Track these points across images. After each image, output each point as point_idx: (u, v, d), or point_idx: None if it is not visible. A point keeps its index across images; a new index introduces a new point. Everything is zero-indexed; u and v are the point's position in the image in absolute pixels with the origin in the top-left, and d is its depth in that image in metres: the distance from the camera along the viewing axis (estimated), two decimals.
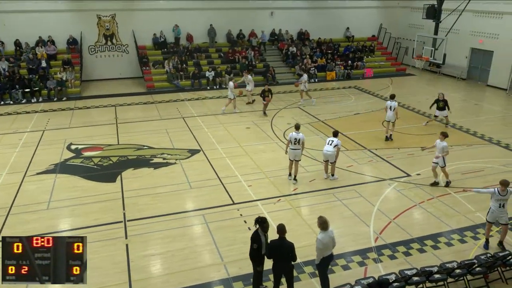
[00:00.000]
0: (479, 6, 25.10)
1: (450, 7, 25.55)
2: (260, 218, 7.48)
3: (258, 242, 7.43)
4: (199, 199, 11.73)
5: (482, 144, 15.86)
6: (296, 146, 12.33)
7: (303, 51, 28.15)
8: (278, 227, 7.39)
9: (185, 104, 21.30)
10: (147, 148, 15.37)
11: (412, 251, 9.44)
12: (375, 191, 12.16)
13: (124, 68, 26.62)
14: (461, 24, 25.51)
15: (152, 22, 26.22)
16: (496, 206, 9.23)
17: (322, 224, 7.46)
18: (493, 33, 24.85)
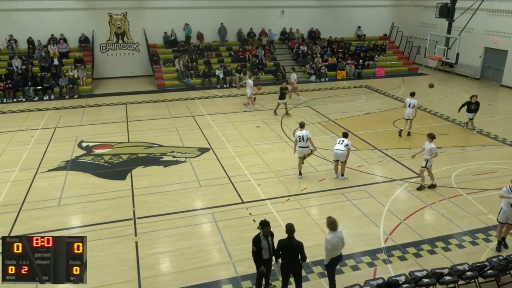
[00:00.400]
0: (493, 5, 24.74)
1: (463, 6, 25.22)
2: (263, 221, 7.39)
3: (258, 245, 7.35)
4: (208, 197, 11.75)
5: (495, 145, 15.64)
6: (302, 143, 12.45)
7: (314, 50, 28.04)
8: (287, 226, 7.36)
9: (195, 103, 21.35)
10: (157, 146, 15.44)
11: (422, 252, 9.35)
12: (385, 192, 12.07)
13: (135, 66, 26.79)
14: (474, 23, 25.18)
15: (163, 20, 26.34)
16: (507, 205, 9.10)
17: (331, 225, 7.43)
18: (507, 32, 24.48)
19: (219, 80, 24.68)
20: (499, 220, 9.33)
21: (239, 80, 23.48)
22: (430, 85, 17.04)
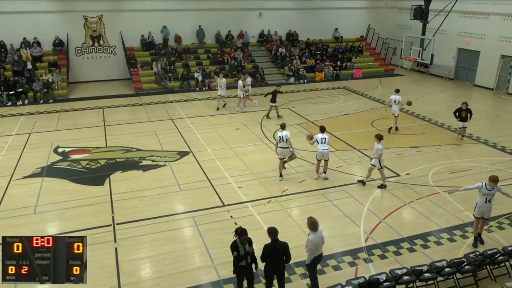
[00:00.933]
0: (466, 7, 25.45)
1: (437, 8, 25.85)
2: (239, 229, 7.30)
3: (237, 251, 7.28)
4: (188, 201, 11.68)
5: (470, 144, 16.06)
6: (283, 144, 12.58)
7: (292, 52, 28.24)
8: (269, 230, 7.34)
9: (173, 106, 21.21)
10: (136, 151, 15.27)
11: (402, 250, 9.52)
12: (365, 191, 12.24)
13: (111, 69, 26.43)
14: (448, 25, 25.84)
15: (140, 23, 26.08)
16: (482, 201, 9.35)
17: (312, 225, 7.50)
18: (479, 34, 25.21)
19: (197, 82, 24.59)
20: (475, 215, 9.58)
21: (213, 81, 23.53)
22: (408, 103, 17.14)
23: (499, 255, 8.46)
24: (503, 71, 23.95)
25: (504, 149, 15.45)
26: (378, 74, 28.61)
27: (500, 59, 23.94)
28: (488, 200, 9.29)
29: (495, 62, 24.20)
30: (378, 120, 18.75)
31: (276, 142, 12.88)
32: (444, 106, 21.69)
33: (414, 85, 25.85)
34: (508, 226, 10.49)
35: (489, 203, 9.32)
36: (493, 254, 8.45)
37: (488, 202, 9.31)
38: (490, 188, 9.22)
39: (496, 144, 15.99)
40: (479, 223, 9.63)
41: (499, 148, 15.61)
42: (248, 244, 7.37)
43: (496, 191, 9.28)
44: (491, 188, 9.21)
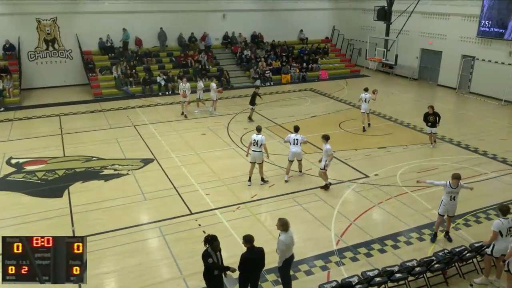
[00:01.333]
0: (427, 8, 26.44)
1: (400, 9, 26.71)
2: (210, 236, 7.23)
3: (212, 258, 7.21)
4: (154, 210, 11.50)
5: (435, 143, 16.63)
6: (256, 148, 12.55)
7: (258, 54, 28.42)
8: (245, 238, 7.32)
9: (136, 112, 20.87)
10: (96, 160, 14.92)
11: (373, 252, 9.73)
12: (334, 194, 12.44)
13: (68, 75, 25.73)
14: (411, 26, 26.75)
15: (98, 25, 25.55)
16: (447, 199, 9.73)
17: (284, 226, 7.61)
18: (441, 34, 26.25)
19: (160, 87, 24.31)
20: (439, 212, 9.96)
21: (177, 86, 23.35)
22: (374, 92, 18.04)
23: (466, 252, 8.80)
24: (464, 71, 25.02)
25: (468, 147, 16.12)
26: (344, 76, 29.24)
27: (461, 59, 25.00)
28: (452, 198, 9.68)
29: (456, 62, 25.25)
30: (346, 121, 19.14)
31: (249, 143, 12.83)
32: (409, 106, 22.42)
33: (380, 86, 26.48)
34: (474, 223, 10.93)
35: (453, 200, 9.71)
36: (461, 251, 8.78)
37: (453, 199, 9.70)
38: (454, 186, 9.59)
39: (460, 142, 16.65)
40: (441, 220, 10.01)
41: (463, 146, 16.27)
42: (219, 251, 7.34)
43: (461, 188, 9.67)
44: (455, 186, 9.58)
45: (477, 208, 11.61)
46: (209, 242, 7.20)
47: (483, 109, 21.45)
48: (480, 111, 21.15)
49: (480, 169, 14.18)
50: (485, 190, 12.85)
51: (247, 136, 17.16)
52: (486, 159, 15.06)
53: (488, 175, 13.75)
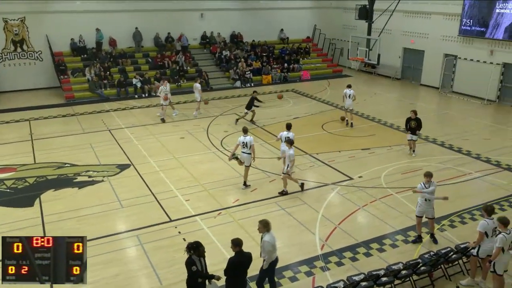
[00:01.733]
0: (409, 7, 26.94)
1: (381, 8, 27.13)
2: (195, 243, 7.18)
3: (196, 265, 7.18)
4: (131, 218, 11.38)
5: (419, 143, 16.90)
6: (245, 150, 12.74)
7: (237, 55, 28.45)
8: (234, 242, 7.30)
9: (111, 115, 20.63)
10: (70, 166, 14.68)
11: (358, 256, 9.83)
12: (318, 197, 12.52)
13: (38, 77, 25.26)
14: (393, 25, 27.19)
15: (69, 25, 25.19)
16: (422, 200, 9.91)
17: (266, 226, 7.74)
18: (423, 33, 26.76)
19: (136, 89, 24.09)
20: (416, 214, 10.16)
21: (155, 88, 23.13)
22: (279, 96, 19.09)
23: (452, 253, 8.96)
24: (447, 70, 25.56)
25: (452, 147, 16.45)
26: (327, 76, 29.51)
27: (443, 58, 25.53)
28: (427, 199, 9.83)
29: (439, 61, 25.78)
30: (329, 122, 19.31)
31: (236, 146, 12.84)
32: (392, 106, 22.78)
33: (363, 86, 26.89)
34: (459, 224, 11.15)
35: (428, 201, 9.87)
36: (447, 253, 8.94)
37: (428, 201, 9.86)
38: (428, 185, 9.77)
39: (444, 142, 16.98)
40: (420, 221, 10.18)
41: (447, 146, 16.60)
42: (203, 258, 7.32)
43: (434, 187, 9.80)
44: (428, 184, 9.76)
45: (462, 209, 11.85)
46: (194, 249, 7.15)
47: (466, 109, 21.94)
48: (463, 110, 21.63)
49: (464, 169, 14.48)
50: (470, 190, 13.14)
51: (227, 139, 17.15)
52: (470, 159, 15.40)
53: (472, 175, 14.05)
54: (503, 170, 14.44)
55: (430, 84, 26.58)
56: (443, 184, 13.31)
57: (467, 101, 23.48)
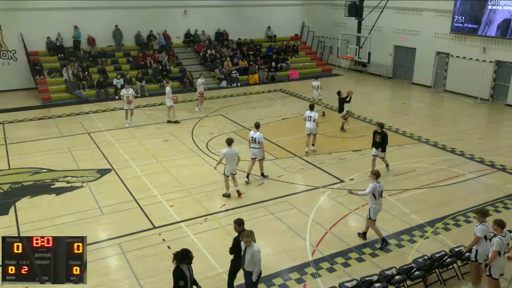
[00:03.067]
0: (399, 3, 27.21)
1: (371, 4, 27.36)
2: (182, 251, 7.12)
3: (184, 278, 7.11)
4: (113, 226, 11.28)
5: (411, 144, 17.12)
6: (254, 145, 13.34)
7: (223, 53, 28.44)
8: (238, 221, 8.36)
9: (90, 118, 20.46)
10: (47, 171, 14.52)
11: (350, 261, 9.87)
12: (308, 201, 12.56)
13: (12, 78, 24.91)
14: (383, 22, 27.44)
15: (45, 23, 24.91)
16: (372, 199, 10.18)
17: (252, 235, 7.78)
18: (414, 30, 27.06)
19: (116, 90, 23.90)
20: (371, 218, 10.29)
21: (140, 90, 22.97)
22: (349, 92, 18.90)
23: (447, 257, 9.06)
24: (439, 68, 25.88)
25: (445, 148, 16.65)
26: (316, 75, 29.46)
27: (435, 56, 25.85)
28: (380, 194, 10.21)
29: (431, 59, 26.09)
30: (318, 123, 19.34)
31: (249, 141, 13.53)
32: (384, 106, 22.96)
33: (353, 85, 27.03)
34: (453, 227, 11.27)
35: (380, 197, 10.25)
36: (441, 257, 9.03)
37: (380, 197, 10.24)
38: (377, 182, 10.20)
39: (437, 143, 17.18)
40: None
41: (440, 147, 16.79)
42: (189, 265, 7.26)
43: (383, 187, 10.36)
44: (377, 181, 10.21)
45: (456, 211, 11.98)
46: (183, 257, 7.08)
47: (459, 108, 22.24)
48: (456, 110, 21.91)
49: (458, 170, 14.66)
50: (464, 191, 13.31)
51: (213, 142, 17.12)
52: (464, 159, 15.60)
53: (466, 176, 14.23)
54: (497, 170, 14.66)
55: (422, 82, 26.88)
56: (436, 186, 13.47)
57: (460, 100, 23.79)
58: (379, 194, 10.23)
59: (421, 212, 11.93)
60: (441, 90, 25.60)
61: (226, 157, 12.30)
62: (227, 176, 12.57)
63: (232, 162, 12.34)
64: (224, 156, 12.32)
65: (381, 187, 10.28)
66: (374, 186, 10.13)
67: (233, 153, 12.27)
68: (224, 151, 12.35)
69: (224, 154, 12.31)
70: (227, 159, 12.33)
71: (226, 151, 12.29)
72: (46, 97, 23.11)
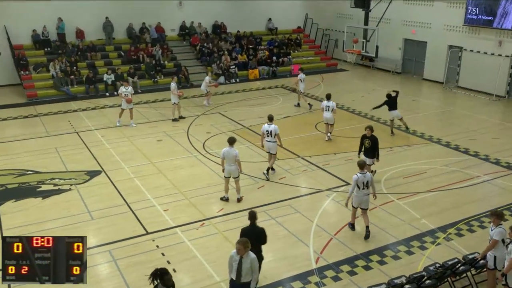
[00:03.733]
0: None
1: None
2: (158, 270, 7.05)
3: None
4: (103, 231, 11.30)
5: (422, 144, 17.12)
6: (270, 138, 13.89)
7: (221, 47, 28.45)
8: (250, 213, 8.78)
9: (79, 116, 20.49)
10: (32, 173, 14.55)
11: (357, 269, 9.87)
12: (312, 205, 12.56)
13: None
14: (392, 13, 27.44)
15: (31, 15, 24.98)
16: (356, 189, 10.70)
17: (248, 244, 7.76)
18: (425, 22, 27.06)
19: (107, 86, 23.93)
20: (353, 204, 11.01)
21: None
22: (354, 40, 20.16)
23: (460, 265, 9.05)
24: (451, 63, 25.88)
25: (458, 148, 16.65)
26: (320, 70, 29.65)
27: (448, 50, 25.85)
28: (365, 185, 10.67)
29: (443, 53, 26.08)
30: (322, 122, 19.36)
31: (262, 134, 14.10)
32: None
33: (360, 81, 27.12)
34: (467, 233, 11.28)
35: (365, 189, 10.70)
36: (453, 264, 9.02)
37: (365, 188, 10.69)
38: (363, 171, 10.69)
39: (449, 143, 17.18)
40: (356, 211, 11.17)
41: (453, 147, 16.80)
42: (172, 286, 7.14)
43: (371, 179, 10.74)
44: (364, 171, 10.71)
45: (470, 216, 11.99)
46: (160, 276, 6.98)
47: (473, 105, 22.24)
48: (470, 107, 21.92)
49: (472, 171, 14.67)
50: (478, 195, 13.31)
51: (210, 141, 17.14)
52: (478, 160, 15.60)
53: (480, 178, 14.24)
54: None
55: (433, 78, 26.89)
56: (448, 188, 13.47)
57: (474, 97, 23.80)
58: (364, 185, 10.68)
59: (432, 216, 11.94)
60: (454, 87, 25.61)
61: (225, 157, 12.30)
62: (227, 178, 12.57)
63: (231, 163, 12.31)
64: (223, 156, 12.32)
65: (366, 177, 10.68)
66: (357, 178, 10.63)
67: (232, 154, 12.22)
68: (223, 150, 12.37)
69: (223, 154, 12.32)
70: (226, 160, 12.33)
71: (225, 150, 12.29)
72: (32, 93, 23.13)
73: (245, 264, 7.68)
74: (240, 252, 7.61)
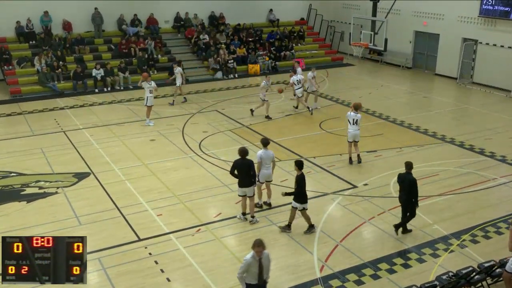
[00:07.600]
0: None
1: None
2: None
3: None
4: (92, 238, 11.25)
5: (435, 144, 17.11)
6: (355, 127, 14.89)
7: (218, 40, 28.45)
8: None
9: (66, 113, 20.50)
10: (16, 176, 14.57)
11: (364, 278, 9.87)
12: (316, 209, 12.55)
13: None
14: (402, 4, 27.48)
15: (14, 6, 24.94)
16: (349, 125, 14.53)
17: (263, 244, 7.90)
18: (437, 13, 27.03)
19: (96, 82, 23.94)
20: (348, 139, 14.53)
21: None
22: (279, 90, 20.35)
23: (475, 273, 9.05)
24: (466, 57, 25.87)
25: (473, 148, 16.65)
26: (325, 65, 29.61)
27: (462, 43, 25.84)
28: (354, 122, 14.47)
29: (456, 46, 26.05)
30: (327, 120, 19.39)
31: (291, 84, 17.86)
32: (402, 101, 22.96)
33: (367, 77, 27.12)
34: (482, 239, 11.27)
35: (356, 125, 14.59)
36: (468, 273, 9.02)
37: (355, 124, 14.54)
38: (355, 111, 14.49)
39: (463, 143, 17.18)
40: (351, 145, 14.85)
41: (467, 147, 16.80)
42: None
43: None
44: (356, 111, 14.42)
45: (485, 221, 11.97)
46: None
47: (489, 102, 22.24)
48: (486, 104, 21.91)
49: (488, 173, 14.66)
50: (494, 199, 13.31)
51: (206, 141, 17.14)
52: (494, 161, 15.60)
53: (497, 181, 14.23)
54: None
55: (446, 73, 26.88)
56: (462, 192, 13.47)
57: (490, 93, 23.80)
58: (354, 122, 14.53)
59: (445, 222, 11.94)
60: (468, 82, 25.61)
61: (262, 161, 12.08)
62: (262, 183, 12.42)
63: (268, 166, 12.19)
64: (261, 160, 12.08)
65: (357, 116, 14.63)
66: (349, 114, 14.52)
67: (270, 155, 12.10)
68: (260, 153, 12.08)
69: (260, 157, 12.04)
70: (263, 163, 12.11)
71: (262, 153, 12.06)
72: (16, 90, 23.15)
73: (265, 263, 7.93)
74: (259, 254, 7.81)
